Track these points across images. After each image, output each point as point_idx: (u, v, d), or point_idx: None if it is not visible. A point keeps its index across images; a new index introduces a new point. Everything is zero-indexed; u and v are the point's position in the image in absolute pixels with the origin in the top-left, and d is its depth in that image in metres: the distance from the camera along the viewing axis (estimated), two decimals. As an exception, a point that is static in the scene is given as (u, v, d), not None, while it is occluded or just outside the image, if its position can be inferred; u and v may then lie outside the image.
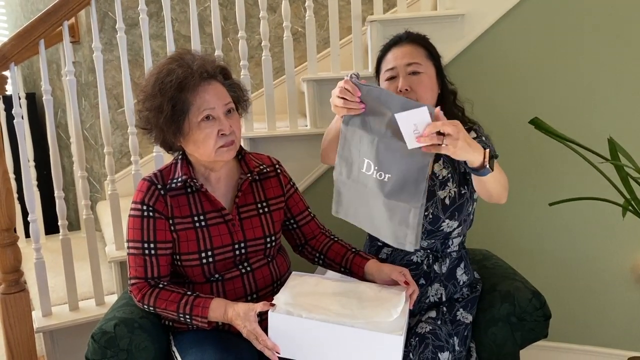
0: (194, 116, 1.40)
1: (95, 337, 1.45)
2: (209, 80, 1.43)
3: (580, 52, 2.11)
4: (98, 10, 2.78)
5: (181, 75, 1.39)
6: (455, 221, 1.58)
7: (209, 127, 1.40)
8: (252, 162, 1.56)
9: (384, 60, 1.62)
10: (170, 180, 1.48)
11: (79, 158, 2.11)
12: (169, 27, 2.14)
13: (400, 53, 1.59)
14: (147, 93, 1.43)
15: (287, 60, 2.23)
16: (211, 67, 1.44)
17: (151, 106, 1.42)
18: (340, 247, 1.61)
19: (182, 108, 1.39)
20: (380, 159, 1.31)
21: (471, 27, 2.17)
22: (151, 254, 1.44)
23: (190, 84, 1.39)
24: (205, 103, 1.40)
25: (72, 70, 2.09)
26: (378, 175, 1.32)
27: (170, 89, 1.38)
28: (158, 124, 1.42)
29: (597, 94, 2.12)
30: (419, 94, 1.54)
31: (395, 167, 1.30)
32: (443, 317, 1.54)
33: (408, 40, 1.61)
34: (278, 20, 3.02)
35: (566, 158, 2.05)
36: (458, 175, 1.59)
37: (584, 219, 2.20)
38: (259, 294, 1.51)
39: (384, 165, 1.31)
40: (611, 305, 2.24)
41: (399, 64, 1.56)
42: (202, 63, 1.43)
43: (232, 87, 1.50)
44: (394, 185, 1.31)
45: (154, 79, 1.42)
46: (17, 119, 2.00)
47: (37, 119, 3.25)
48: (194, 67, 1.41)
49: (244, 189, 1.53)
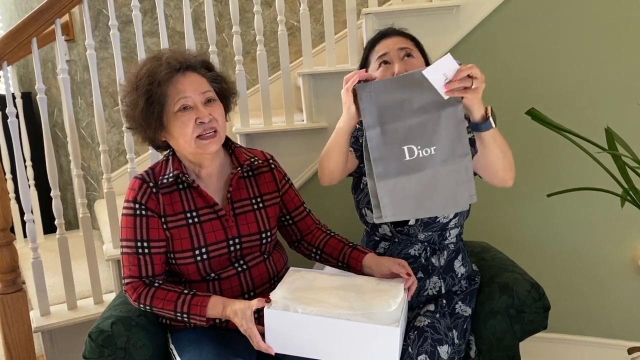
0: (170, 107, 1.40)
1: (92, 335, 1.44)
2: (183, 72, 1.42)
3: (577, 41, 2.10)
4: (92, 8, 2.77)
5: (151, 68, 1.40)
6: None
7: (186, 115, 1.40)
8: (243, 155, 1.55)
9: (373, 52, 1.61)
10: (161, 177, 1.47)
11: (74, 157, 2.10)
12: (163, 23, 2.12)
13: (390, 42, 1.58)
14: (125, 91, 1.45)
15: (282, 54, 2.22)
16: (183, 58, 1.43)
17: (129, 102, 1.43)
18: (337, 241, 1.60)
19: (157, 100, 1.39)
20: (418, 137, 1.32)
21: (467, 18, 2.16)
22: (145, 253, 1.43)
23: (162, 76, 1.38)
24: (180, 93, 1.39)
25: (65, 68, 2.08)
26: (424, 153, 1.32)
27: (142, 83, 1.39)
28: (136, 119, 1.43)
29: (594, 83, 2.11)
30: None
31: (435, 136, 1.32)
32: (442, 310, 1.54)
33: (395, 33, 1.62)
34: (273, 15, 3.00)
35: (563, 149, 2.04)
36: None
37: (582, 209, 2.19)
38: (256, 292, 1.50)
39: (425, 141, 1.32)
40: (611, 295, 2.24)
41: (391, 49, 1.56)
42: (172, 55, 1.43)
43: (215, 80, 1.49)
44: (442, 152, 1.32)
45: (131, 76, 1.44)
46: (10, 118, 2.00)
47: (34, 118, 3.24)
48: (163, 60, 1.41)
49: (235, 184, 1.52)
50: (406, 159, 1.33)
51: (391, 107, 1.32)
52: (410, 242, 1.61)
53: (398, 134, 1.33)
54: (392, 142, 1.34)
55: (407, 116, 1.32)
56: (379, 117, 1.33)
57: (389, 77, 1.37)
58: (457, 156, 1.32)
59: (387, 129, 1.33)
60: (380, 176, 1.34)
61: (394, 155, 1.34)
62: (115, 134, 2.95)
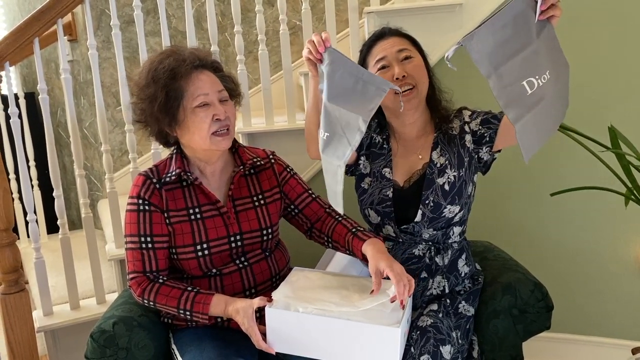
0: (188, 102, 1.41)
1: (94, 336, 1.45)
2: (201, 69, 1.45)
3: (580, 39, 2.09)
4: (94, 8, 2.77)
5: (173, 62, 1.41)
6: (457, 205, 1.57)
7: (204, 111, 1.41)
8: (246, 154, 1.56)
9: (370, 54, 1.60)
10: (165, 175, 1.49)
11: (76, 156, 2.11)
12: (164, 23, 2.12)
13: (388, 44, 1.57)
14: (140, 85, 1.44)
15: (284, 54, 2.22)
16: (199, 55, 1.46)
17: (145, 96, 1.43)
18: (342, 227, 1.54)
19: (175, 95, 1.40)
20: (531, 69, 1.32)
21: (470, 16, 2.15)
22: (148, 248, 1.44)
23: (183, 71, 1.41)
24: (199, 89, 1.41)
25: (67, 68, 2.08)
26: (542, 80, 1.32)
27: (164, 77, 1.40)
28: (153, 113, 1.43)
29: (598, 82, 2.10)
30: (417, 78, 1.54)
31: (543, 63, 1.32)
32: (445, 310, 1.53)
33: (391, 34, 1.60)
34: (276, 15, 3.00)
35: (567, 147, 2.03)
36: (456, 159, 1.59)
37: (585, 208, 2.18)
38: (257, 289, 1.51)
39: (538, 70, 1.32)
40: (614, 295, 2.23)
41: (389, 52, 1.55)
42: (193, 52, 1.46)
43: (224, 79, 1.51)
44: (554, 74, 1.33)
45: (146, 70, 1.44)
46: (13, 118, 2.00)
47: (37, 118, 3.25)
48: (185, 56, 1.43)
49: (237, 182, 1.54)
50: (528, 93, 1.32)
51: (497, 49, 1.30)
52: (415, 241, 1.61)
53: (514, 72, 1.32)
54: (511, 82, 1.32)
55: (514, 52, 1.31)
56: (490, 64, 1.30)
57: (485, 23, 1.32)
58: (563, 67, 1.35)
59: (502, 72, 1.31)
60: (516, 119, 1.32)
61: (517, 95, 1.32)
62: (118, 133, 2.96)
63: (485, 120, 1.58)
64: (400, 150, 1.66)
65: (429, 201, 1.56)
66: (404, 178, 1.63)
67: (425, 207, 1.56)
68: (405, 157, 1.65)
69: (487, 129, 1.57)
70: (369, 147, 1.70)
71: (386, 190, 1.62)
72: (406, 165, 1.64)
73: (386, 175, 1.64)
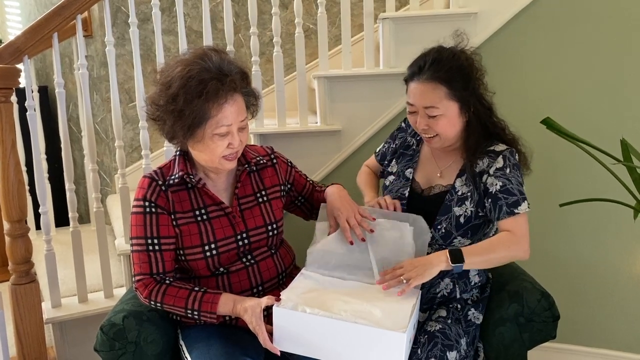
0: (210, 128, 1.38)
1: (104, 329, 1.46)
2: (233, 94, 1.40)
3: (593, 51, 2.09)
4: (111, 5, 2.80)
5: (206, 77, 1.35)
6: (468, 240, 1.55)
7: (221, 140, 1.40)
8: (249, 154, 1.58)
9: (408, 87, 1.57)
10: (169, 177, 1.48)
11: (90, 151, 2.12)
12: (182, 22, 2.14)
13: (418, 92, 1.52)
14: (169, 93, 1.38)
15: (298, 56, 2.23)
16: (229, 69, 1.40)
17: (170, 106, 1.38)
18: (318, 194, 1.70)
19: (200, 117, 1.36)
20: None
21: (484, 25, 2.16)
22: (155, 250, 1.44)
23: (214, 95, 1.35)
24: (225, 119, 1.38)
25: (84, 63, 2.10)
26: None
27: (195, 97, 1.35)
28: (173, 125, 1.39)
29: (610, 94, 2.10)
30: (438, 131, 1.53)
31: None
32: (454, 316, 1.54)
33: (428, 75, 1.50)
34: (290, 17, 3.02)
35: (578, 159, 2.03)
36: (478, 196, 1.54)
37: (594, 220, 2.18)
38: (264, 287, 1.52)
39: None
40: (621, 307, 2.22)
41: (418, 103, 1.53)
42: (219, 62, 1.39)
43: (247, 93, 1.48)
44: None
45: (178, 78, 1.37)
46: (29, 111, 2.02)
47: (49, 112, 3.27)
48: (224, 79, 1.37)
49: (243, 180, 1.55)
50: None
51: None
52: None
53: None
54: None
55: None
56: None
57: None
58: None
59: None
60: None
61: None
62: (130, 130, 2.98)
63: (496, 197, 1.49)
64: (429, 155, 1.67)
65: (441, 227, 1.55)
66: (425, 184, 1.64)
67: (437, 231, 1.55)
68: (432, 163, 1.66)
69: (492, 204, 1.50)
70: (399, 149, 1.74)
71: (404, 190, 1.64)
72: (429, 171, 1.65)
73: (407, 174, 1.66)
